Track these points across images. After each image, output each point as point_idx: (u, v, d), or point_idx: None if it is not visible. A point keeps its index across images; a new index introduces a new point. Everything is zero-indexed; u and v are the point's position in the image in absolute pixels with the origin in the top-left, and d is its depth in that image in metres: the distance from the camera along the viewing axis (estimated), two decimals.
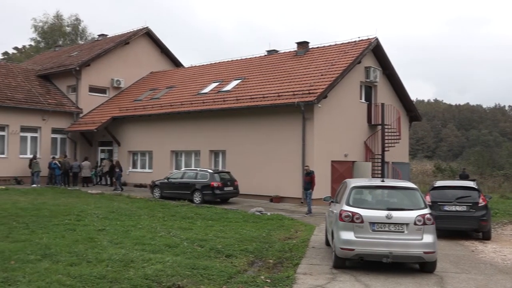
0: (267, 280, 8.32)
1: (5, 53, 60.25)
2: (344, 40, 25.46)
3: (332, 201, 11.09)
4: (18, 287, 7.24)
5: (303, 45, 26.45)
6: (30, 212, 15.33)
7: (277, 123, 21.87)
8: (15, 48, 61.50)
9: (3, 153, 27.76)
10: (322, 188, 20.36)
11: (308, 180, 17.77)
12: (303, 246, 11.38)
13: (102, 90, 32.50)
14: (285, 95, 21.62)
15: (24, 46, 60.88)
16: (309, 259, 10.15)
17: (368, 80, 23.81)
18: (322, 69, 22.75)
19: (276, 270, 9.25)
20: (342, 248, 8.98)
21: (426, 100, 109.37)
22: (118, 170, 26.27)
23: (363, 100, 24.13)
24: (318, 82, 21.58)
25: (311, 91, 20.84)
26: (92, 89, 31.90)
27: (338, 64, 22.51)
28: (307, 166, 18.05)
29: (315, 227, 14.37)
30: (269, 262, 9.79)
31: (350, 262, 9.32)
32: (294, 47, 27.04)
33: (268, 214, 16.88)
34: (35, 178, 26.39)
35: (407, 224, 8.89)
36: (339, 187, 11.14)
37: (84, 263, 8.82)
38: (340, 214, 9.18)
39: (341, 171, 21.89)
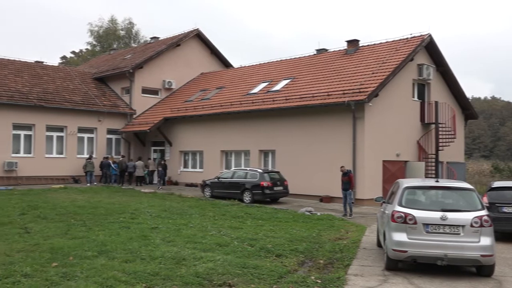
0: (317, 280, 8.26)
1: (63, 57, 62.84)
2: (396, 37, 24.93)
3: (383, 202, 10.89)
4: (76, 282, 7.52)
5: (353, 43, 26.09)
6: (87, 210, 15.91)
7: (327, 122, 21.68)
8: (73, 52, 64.06)
9: (61, 153, 28.96)
10: (373, 189, 20.07)
11: (346, 180, 17.31)
12: (354, 247, 11.22)
13: (154, 92, 33.30)
14: (335, 94, 21.40)
15: (81, 50, 63.28)
16: (360, 260, 10.00)
17: (421, 77, 23.19)
18: (373, 67, 22.36)
19: (326, 270, 9.17)
20: (394, 250, 8.79)
21: (482, 97, 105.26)
22: (160, 169, 27.04)
23: (415, 98, 23.53)
24: (369, 80, 21.22)
25: (361, 90, 20.53)
26: (145, 91, 32.74)
27: (390, 62, 22.06)
28: (342, 166, 17.69)
29: (366, 228, 14.14)
30: (319, 262, 9.72)
31: (402, 264, 9.11)
32: (344, 46, 26.73)
33: (318, 214, 16.76)
34: (88, 177, 27.41)
35: (463, 226, 8.60)
36: (391, 187, 10.91)
37: (138, 260, 9.06)
38: (393, 215, 8.99)
39: (393, 171, 21.44)
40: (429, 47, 23.65)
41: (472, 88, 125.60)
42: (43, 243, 10.27)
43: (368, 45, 25.60)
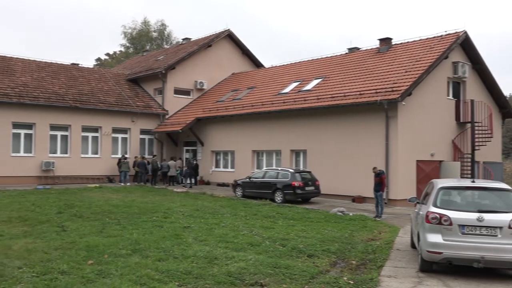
0: (350, 281, 8.19)
1: (98, 59, 64.16)
2: (430, 35, 24.47)
3: (417, 202, 10.71)
4: (111, 280, 7.66)
5: (385, 41, 25.75)
6: (121, 209, 16.20)
7: (359, 122, 21.46)
8: (107, 54, 65.32)
9: (96, 153, 29.58)
10: (406, 189, 19.76)
11: (378, 181, 16.99)
12: (387, 248, 11.07)
13: (186, 92, 33.64)
14: (367, 93, 21.16)
15: (114, 52, 64.48)
16: (393, 261, 9.86)
17: (456, 75, 22.69)
18: (406, 66, 22.01)
19: (359, 271, 9.07)
20: (429, 251, 8.63)
21: None
22: (186, 168, 27.27)
23: (450, 97, 23.04)
24: (402, 79, 20.90)
25: (394, 89, 20.23)
26: (177, 91, 33.11)
27: (423, 60, 21.67)
28: (375, 167, 17.39)
29: (399, 229, 13.93)
30: (352, 263, 9.63)
31: (437, 266, 8.94)
32: (376, 44, 26.41)
33: (350, 214, 16.61)
34: (122, 177, 27.92)
35: (500, 228, 8.37)
36: (426, 187, 10.72)
37: (171, 258, 9.16)
38: (427, 216, 8.83)
39: (427, 171, 21.05)
40: (465, 44, 23.12)
41: (511, 86, 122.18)
42: (79, 241, 10.51)
43: (401, 43, 25.22)
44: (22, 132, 26.92)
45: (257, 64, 36.80)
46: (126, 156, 29.47)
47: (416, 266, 9.25)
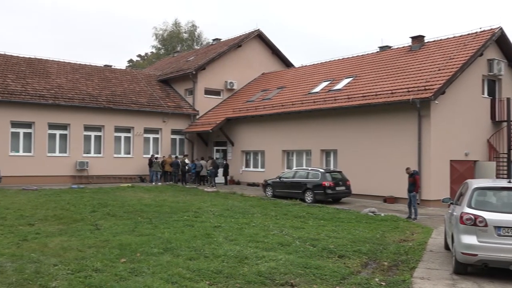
0: (381, 282, 8.09)
1: (130, 61, 65.19)
2: (464, 31, 23.94)
3: (451, 203, 10.49)
4: (143, 278, 7.78)
5: (418, 39, 25.32)
6: (152, 208, 16.43)
7: (391, 121, 21.17)
8: (139, 55, 66.29)
9: (129, 153, 30.07)
10: (440, 189, 19.40)
11: (411, 182, 16.61)
12: (420, 249, 10.89)
13: (216, 92, 33.85)
14: (399, 92, 20.86)
15: (146, 54, 65.39)
16: (426, 263, 9.69)
17: (491, 73, 22.13)
18: (439, 64, 21.60)
19: (391, 273, 8.95)
20: (463, 253, 8.45)
21: None
22: (211, 168, 27.38)
23: (485, 95, 22.47)
24: (435, 77, 20.51)
25: (427, 87, 19.87)
26: (207, 92, 33.35)
27: (457, 58, 21.22)
28: (408, 168, 17.05)
29: (433, 230, 13.68)
30: (383, 264, 9.51)
31: (472, 268, 8.74)
32: (408, 42, 26.00)
33: (382, 215, 16.40)
34: (153, 176, 28.31)
35: None
36: (460, 188, 10.50)
37: (201, 257, 9.24)
38: (461, 217, 8.64)
39: (461, 171, 20.60)
40: (500, 41, 22.52)
41: None
42: (112, 240, 10.70)
43: (434, 41, 24.76)
44: (58, 132, 27.60)
45: (287, 63, 36.72)
46: (157, 156, 29.86)
47: (450, 268, 9.07)
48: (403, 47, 26.18)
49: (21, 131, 26.51)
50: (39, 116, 26.72)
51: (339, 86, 25.22)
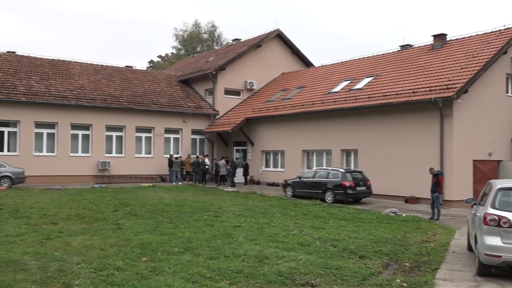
0: (403, 284, 8.01)
1: (151, 61, 65.75)
2: (487, 29, 23.54)
3: (474, 203, 10.32)
4: (164, 277, 7.84)
5: (440, 37, 24.98)
6: (173, 208, 16.54)
7: (412, 120, 20.93)
8: (159, 56, 66.83)
9: (150, 153, 30.35)
10: (463, 190, 19.12)
11: (435, 182, 16.33)
12: (442, 250, 10.74)
13: (236, 92, 33.93)
14: (421, 91, 20.61)
15: (166, 54, 65.90)
16: (449, 264, 9.55)
17: None
18: (461, 62, 21.29)
19: (412, 274, 8.85)
20: (487, 254, 8.31)
21: None
22: (229, 167, 27.45)
23: (510, 94, 22.05)
24: (458, 76, 20.22)
25: (449, 86, 19.60)
26: (227, 92, 33.45)
27: (480, 56, 20.88)
28: (431, 168, 16.78)
29: (455, 231, 13.48)
30: (405, 265, 9.41)
31: (496, 270, 8.58)
32: (430, 41, 25.70)
33: (403, 215, 16.23)
34: (174, 176, 28.51)
35: None
36: (483, 188, 10.33)
37: (222, 257, 9.27)
38: (485, 218, 8.49)
39: (485, 171, 20.26)
40: None
41: None
42: (134, 239, 10.81)
43: (456, 39, 24.41)
44: (80, 133, 27.99)
45: (307, 63, 36.61)
46: (177, 156, 30.06)
47: (473, 270, 8.93)
48: (425, 45, 25.87)
49: (45, 131, 26.97)
50: (62, 116, 27.15)
51: (360, 85, 25.04)
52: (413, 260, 9.83)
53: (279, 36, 35.36)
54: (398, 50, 27.52)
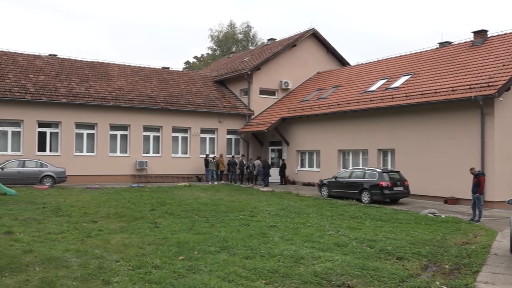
0: (442, 286, 7.83)
1: (187, 62, 66.52)
2: None
3: None
4: (201, 276, 7.91)
5: (480, 34, 24.32)
6: (209, 207, 16.68)
7: (451, 119, 20.44)
8: (195, 57, 67.49)
9: (186, 153, 30.72)
10: (505, 190, 18.53)
11: (476, 183, 15.82)
12: (483, 253, 10.44)
13: (271, 92, 33.94)
14: (460, 89, 20.11)
15: (202, 55, 66.48)
16: (490, 267, 9.28)
17: None
18: (503, 59, 20.65)
19: (452, 276, 8.64)
20: None
21: None
22: (259, 167, 27.40)
23: None
24: (499, 73, 19.62)
25: (490, 84, 19.04)
26: (262, 92, 33.50)
27: None
28: (472, 168, 16.29)
29: (497, 233, 13.08)
30: (444, 267, 9.20)
31: None
32: (470, 37, 25.04)
33: (442, 216, 15.87)
34: (210, 176, 28.76)
35: None
36: None
37: (257, 257, 9.28)
38: None
39: None
40: None
41: None
42: (171, 237, 10.96)
43: (497, 35, 23.71)
44: (118, 133, 28.59)
45: (342, 62, 36.27)
46: (213, 155, 30.31)
47: None
48: (465, 42, 25.24)
49: (85, 132, 27.67)
50: (101, 117, 27.80)
51: (397, 84, 24.64)
52: (453, 262, 9.60)
53: (314, 35, 35.16)
54: (437, 48, 26.93)
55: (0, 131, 25.44)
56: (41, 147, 26.42)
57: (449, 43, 26.61)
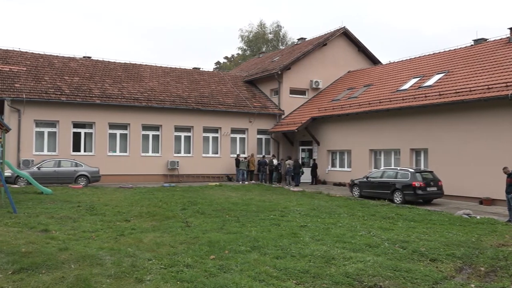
0: None
1: (217, 63, 66.99)
2: None
3: None
4: (232, 275, 7.94)
5: None
6: (240, 207, 16.73)
7: (487, 118, 19.94)
8: (225, 57, 67.89)
9: (216, 153, 30.91)
10: None
11: (509, 182, 15.37)
12: None
13: (301, 92, 33.81)
14: (496, 87, 19.60)
15: (232, 55, 66.81)
16: None
17: None
18: None
19: (488, 279, 8.43)
20: None
21: None
22: (288, 166, 27.31)
23: None
24: None
25: None
26: (293, 91, 33.42)
27: None
28: (505, 167, 15.81)
29: None
30: (480, 269, 8.98)
31: None
32: (506, 34, 24.36)
33: (478, 217, 15.50)
34: (240, 175, 28.87)
35: None
36: None
37: (288, 257, 9.26)
38: None
39: None
40: None
41: None
42: (202, 237, 11.04)
43: None
44: (150, 133, 28.99)
45: (373, 61, 35.85)
46: (244, 155, 30.41)
47: None
48: (501, 39, 24.59)
49: (118, 132, 28.15)
50: (133, 118, 28.24)
51: (430, 82, 24.19)
52: (489, 264, 9.36)
53: (345, 34, 34.86)
54: (471, 45, 26.33)
55: (36, 131, 26.13)
56: (76, 147, 27.02)
57: (484, 40, 25.98)
